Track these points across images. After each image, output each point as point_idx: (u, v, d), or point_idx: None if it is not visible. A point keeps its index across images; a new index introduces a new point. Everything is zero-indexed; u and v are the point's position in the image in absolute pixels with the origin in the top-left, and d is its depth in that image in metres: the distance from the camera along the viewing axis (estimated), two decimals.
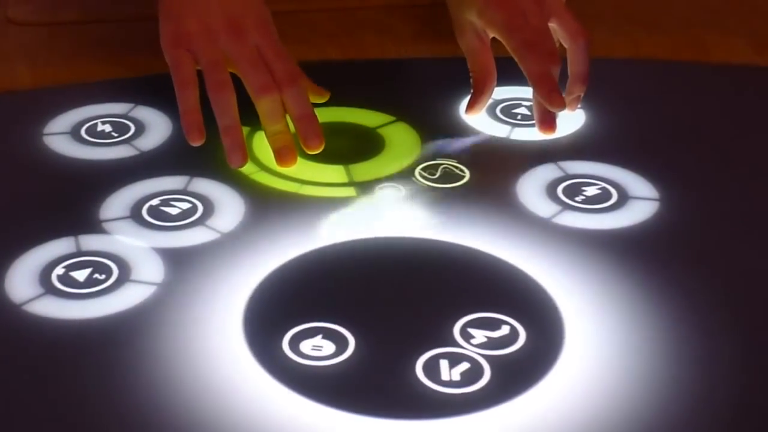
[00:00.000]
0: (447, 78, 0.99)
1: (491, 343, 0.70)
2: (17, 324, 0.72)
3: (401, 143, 0.90)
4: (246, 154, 0.85)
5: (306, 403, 0.66)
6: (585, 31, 0.92)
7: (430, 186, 0.85)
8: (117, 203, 0.82)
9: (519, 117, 0.94)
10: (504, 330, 0.71)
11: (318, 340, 0.70)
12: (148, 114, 0.93)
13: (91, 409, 0.66)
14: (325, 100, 0.92)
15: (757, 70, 1.04)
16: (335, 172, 0.87)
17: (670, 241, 0.81)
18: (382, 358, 0.69)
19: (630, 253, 0.79)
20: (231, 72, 0.87)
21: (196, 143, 0.84)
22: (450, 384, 0.67)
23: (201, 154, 0.86)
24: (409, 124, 0.93)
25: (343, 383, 0.68)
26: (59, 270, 0.75)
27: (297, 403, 0.66)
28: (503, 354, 0.70)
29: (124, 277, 0.75)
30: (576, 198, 0.84)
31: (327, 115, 0.91)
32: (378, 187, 0.85)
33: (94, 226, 0.80)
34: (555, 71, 0.89)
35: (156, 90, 0.93)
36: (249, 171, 0.86)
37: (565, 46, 0.93)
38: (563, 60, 0.91)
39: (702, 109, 0.97)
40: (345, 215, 0.82)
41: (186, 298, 0.74)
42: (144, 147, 0.90)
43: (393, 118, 0.94)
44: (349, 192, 0.85)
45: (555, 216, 0.82)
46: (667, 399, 0.67)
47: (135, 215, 0.81)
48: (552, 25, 0.92)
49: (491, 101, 0.94)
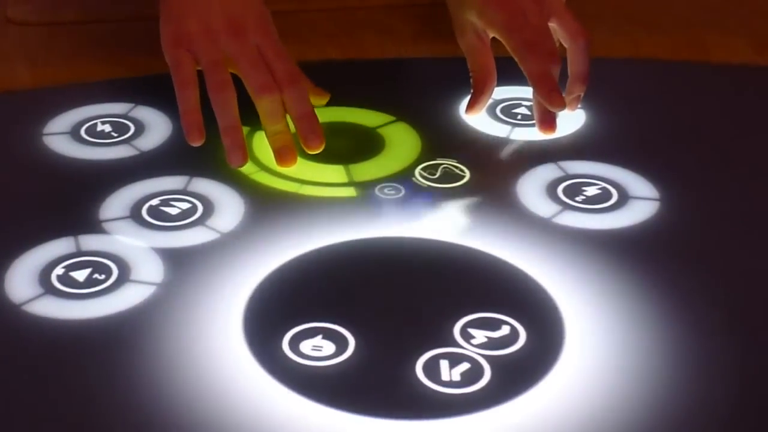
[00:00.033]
0: (447, 78, 0.99)
1: (491, 343, 0.70)
2: (17, 324, 0.72)
3: (401, 143, 0.90)
4: (246, 153, 0.85)
5: (306, 404, 0.66)
6: (585, 31, 0.92)
7: (430, 186, 0.85)
8: (117, 203, 0.82)
9: (519, 117, 0.94)
10: (504, 330, 0.71)
11: (318, 340, 0.70)
12: (147, 114, 0.93)
13: (92, 410, 0.66)
14: (325, 101, 0.92)
15: (758, 69, 1.04)
16: (335, 172, 0.87)
17: (670, 241, 0.81)
18: (382, 358, 0.69)
19: (630, 253, 0.79)
20: (231, 72, 0.87)
21: (196, 143, 0.84)
22: (450, 384, 0.67)
23: (201, 154, 0.85)
24: (409, 124, 0.93)
25: (343, 383, 0.67)
26: (59, 270, 0.75)
27: (297, 404, 0.66)
28: (503, 354, 0.69)
29: (123, 277, 0.75)
30: (576, 198, 0.84)
31: (327, 115, 0.91)
32: (378, 187, 0.85)
33: (93, 226, 0.80)
34: (555, 71, 0.89)
35: (156, 90, 0.93)
36: (249, 171, 0.86)
37: (565, 46, 0.93)
38: (563, 60, 0.91)
39: (702, 109, 0.97)
40: (345, 215, 0.82)
41: (186, 298, 0.74)
42: (144, 147, 0.90)
43: (393, 118, 0.93)
44: (349, 192, 0.85)
45: (555, 216, 0.82)
46: (667, 399, 0.67)
47: (135, 215, 0.81)
48: (552, 25, 0.92)
49: (491, 101, 0.94)
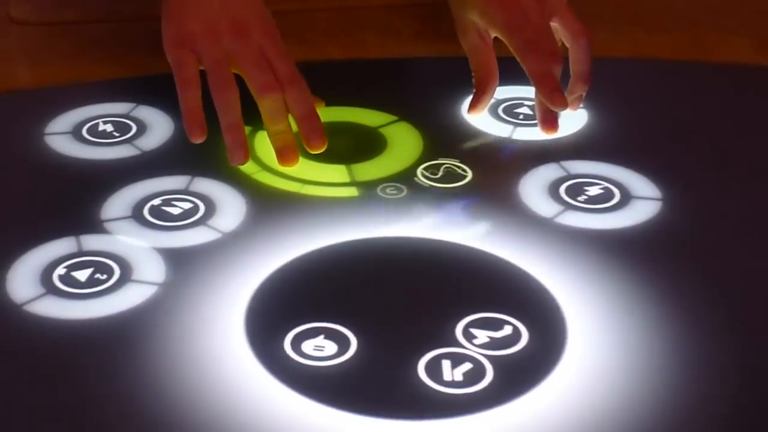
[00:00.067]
0: (449, 77, 0.99)
1: (493, 344, 0.70)
2: (18, 324, 0.71)
3: (403, 143, 0.90)
4: (248, 152, 0.85)
5: (308, 404, 0.66)
6: (587, 31, 0.92)
7: (432, 186, 0.85)
8: (118, 203, 0.82)
9: (521, 117, 0.94)
10: (506, 330, 0.71)
11: (320, 340, 0.70)
12: (149, 114, 0.93)
13: (94, 410, 0.66)
14: (321, 107, 0.92)
15: (759, 69, 1.04)
16: (337, 171, 0.87)
17: (672, 241, 0.80)
18: (384, 358, 0.69)
19: (632, 253, 0.78)
20: (234, 72, 0.87)
21: (197, 140, 0.84)
22: (452, 384, 0.67)
23: (202, 154, 0.85)
24: (411, 123, 0.93)
25: (345, 383, 0.67)
26: (60, 270, 0.75)
27: (299, 404, 0.66)
28: (505, 354, 0.69)
29: (125, 277, 0.75)
30: (578, 198, 0.84)
31: (329, 115, 0.91)
32: (380, 187, 0.85)
33: (95, 225, 0.80)
34: (557, 71, 0.89)
35: (157, 90, 0.92)
36: (250, 171, 0.86)
37: (567, 45, 0.93)
38: (565, 59, 0.91)
39: (704, 109, 0.97)
40: (347, 215, 0.82)
41: (187, 298, 0.74)
42: (145, 147, 0.89)
43: (395, 117, 0.93)
44: (351, 192, 0.85)
45: (557, 216, 0.82)
46: (668, 399, 0.67)
47: (136, 215, 0.81)
48: (554, 25, 0.92)
49: (493, 101, 0.94)
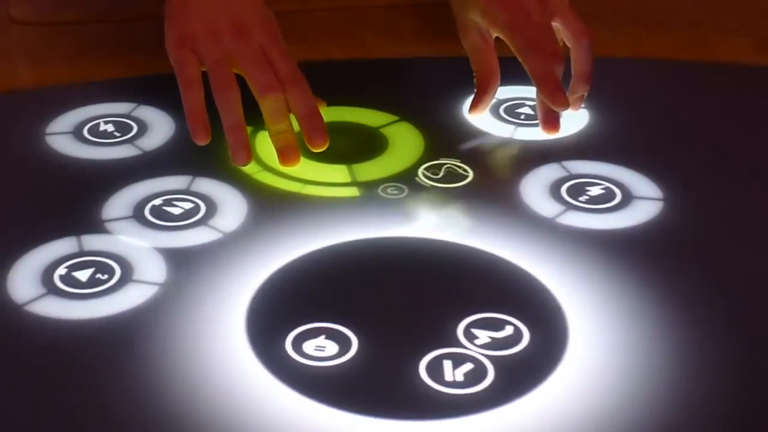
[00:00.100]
0: (450, 77, 0.98)
1: (495, 344, 0.70)
2: (19, 324, 0.71)
3: (404, 143, 0.90)
4: (250, 152, 0.84)
5: (309, 404, 0.66)
6: (588, 31, 0.92)
7: (433, 186, 0.85)
8: (119, 203, 0.82)
9: (522, 116, 0.94)
10: (508, 330, 0.71)
11: (321, 340, 0.70)
12: (150, 114, 0.93)
13: (94, 410, 0.66)
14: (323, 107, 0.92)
15: (760, 69, 1.04)
16: (338, 171, 0.87)
17: (673, 241, 0.80)
18: (385, 358, 0.69)
19: (633, 253, 0.78)
20: (235, 72, 0.87)
21: (202, 142, 0.84)
22: (453, 384, 0.67)
23: (204, 154, 0.85)
24: (412, 123, 0.92)
25: (346, 384, 0.67)
26: (61, 270, 0.75)
27: (300, 404, 0.66)
28: (507, 354, 0.69)
29: (126, 277, 0.75)
30: (580, 198, 0.84)
31: (330, 115, 0.91)
32: (381, 187, 0.85)
33: (96, 225, 0.80)
34: (558, 71, 0.89)
35: (159, 90, 0.92)
36: (252, 171, 0.86)
37: (569, 45, 0.93)
38: (566, 59, 0.91)
39: (705, 109, 0.97)
40: (348, 215, 0.82)
41: (188, 298, 0.74)
42: (146, 147, 0.89)
43: (396, 117, 0.93)
44: (352, 192, 0.84)
45: (559, 216, 0.82)
46: (669, 399, 0.67)
47: (137, 215, 0.81)
48: (555, 25, 0.92)
49: (494, 101, 0.94)
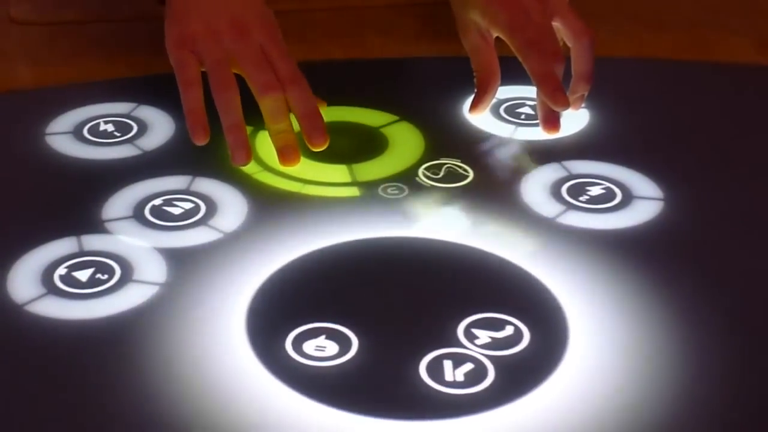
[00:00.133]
0: (450, 77, 0.98)
1: (495, 344, 0.70)
2: (19, 324, 0.71)
3: (405, 143, 0.90)
4: (250, 152, 0.84)
5: (309, 404, 0.66)
6: (589, 30, 0.92)
7: (433, 186, 0.85)
8: (119, 203, 0.82)
9: (523, 116, 0.94)
10: (508, 330, 0.71)
11: (321, 340, 0.70)
12: (150, 113, 0.93)
13: (94, 410, 0.66)
14: (323, 108, 0.92)
15: (761, 69, 1.04)
16: (338, 171, 0.87)
17: (674, 241, 0.80)
18: (385, 358, 0.69)
19: (634, 253, 0.78)
20: (235, 72, 0.87)
21: (201, 142, 0.84)
22: (454, 384, 0.67)
23: (204, 154, 0.85)
24: (413, 123, 0.92)
25: (347, 384, 0.67)
26: (61, 270, 0.75)
27: (300, 404, 0.66)
28: (507, 354, 0.69)
29: (126, 278, 0.75)
30: (580, 198, 0.84)
31: (330, 115, 0.91)
32: (381, 187, 0.85)
33: (96, 225, 0.80)
34: (559, 70, 0.89)
35: (159, 89, 0.92)
36: (252, 171, 0.86)
37: (569, 45, 0.92)
38: (567, 59, 0.91)
39: (706, 109, 0.97)
40: (348, 215, 0.82)
41: (189, 298, 0.74)
42: (146, 147, 0.89)
43: (396, 117, 0.93)
44: (353, 192, 0.84)
45: (559, 216, 0.82)
46: (671, 399, 0.67)
47: (137, 215, 0.81)
48: (555, 24, 0.92)
49: (495, 101, 0.94)
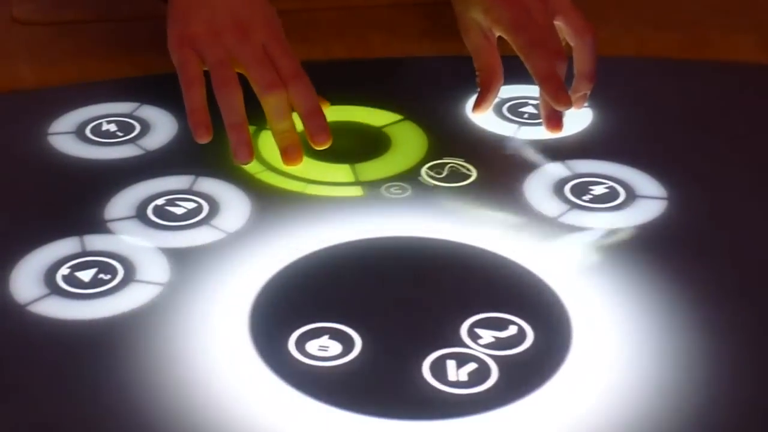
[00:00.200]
0: (453, 77, 0.98)
1: (498, 343, 0.70)
2: (22, 324, 0.71)
3: (407, 142, 0.90)
4: (252, 150, 0.84)
5: (312, 404, 0.66)
6: (591, 29, 0.92)
7: (436, 185, 0.85)
8: (122, 203, 0.82)
9: (526, 116, 0.94)
10: (511, 330, 0.71)
11: (324, 340, 0.70)
12: (153, 113, 0.93)
13: (97, 410, 0.66)
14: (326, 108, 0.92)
15: (764, 68, 1.04)
16: (341, 171, 0.86)
17: (678, 240, 0.80)
18: (388, 358, 0.69)
19: (638, 253, 0.78)
20: (238, 72, 0.87)
21: (203, 140, 0.84)
22: (457, 384, 0.67)
23: (206, 153, 0.85)
24: (416, 123, 0.92)
25: (350, 384, 0.67)
26: (64, 270, 0.75)
27: (303, 404, 0.66)
28: (510, 354, 0.69)
29: (129, 277, 0.75)
30: (583, 197, 0.84)
31: (333, 115, 0.91)
32: (384, 187, 0.85)
33: (99, 225, 0.80)
34: (561, 69, 0.89)
35: (161, 89, 0.92)
36: (254, 170, 0.86)
37: (571, 44, 0.92)
38: (569, 58, 0.91)
39: (709, 107, 0.97)
40: (351, 215, 0.82)
41: (191, 298, 0.74)
42: (149, 146, 0.89)
43: (399, 117, 0.93)
44: (356, 191, 0.84)
45: (562, 215, 0.82)
46: (674, 398, 0.67)
47: (140, 215, 0.81)
48: (558, 23, 0.92)
49: (498, 100, 0.94)
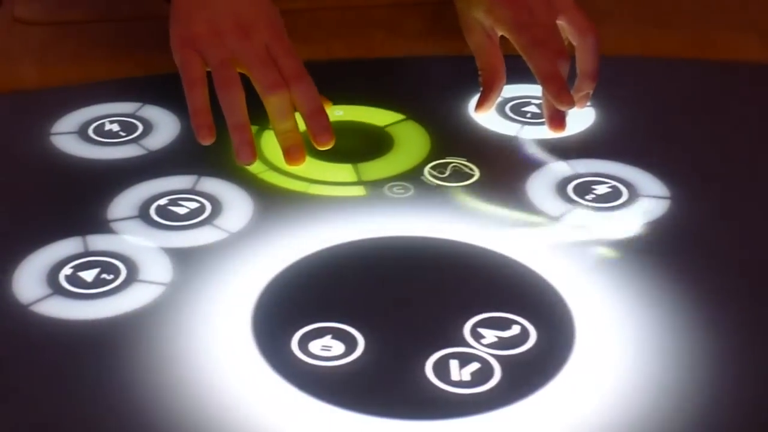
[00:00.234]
0: (456, 76, 0.98)
1: (501, 343, 0.70)
2: (25, 324, 0.71)
3: (410, 142, 0.90)
4: (255, 150, 0.84)
5: (315, 404, 0.66)
6: (594, 28, 0.92)
7: (439, 185, 0.85)
8: (125, 203, 0.82)
9: (528, 115, 0.94)
10: (514, 330, 0.71)
11: (327, 340, 0.70)
12: (155, 113, 0.93)
13: (99, 410, 0.66)
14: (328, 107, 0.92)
15: (767, 67, 1.03)
16: (344, 171, 0.86)
17: (680, 240, 0.80)
18: (391, 358, 0.69)
19: (641, 252, 0.78)
20: (240, 72, 0.87)
21: (206, 142, 0.84)
22: (460, 384, 0.67)
23: (209, 153, 0.85)
24: (418, 122, 0.92)
25: (353, 384, 0.67)
26: (67, 270, 0.75)
27: (306, 404, 0.66)
28: (514, 354, 0.69)
29: (131, 277, 0.75)
30: (586, 197, 0.84)
31: (335, 114, 0.91)
32: (387, 186, 0.84)
33: (101, 225, 0.80)
34: (564, 69, 0.89)
35: (164, 89, 0.92)
36: (257, 170, 0.86)
37: (574, 43, 0.92)
38: (572, 57, 0.91)
39: (712, 107, 0.97)
40: (354, 214, 0.81)
41: (194, 298, 0.74)
42: (152, 146, 0.89)
43: (402, 116, 0.93)
44: (358, 191, 0.84)
45: (565, 215, 0.82)
46: (678, 398, 0.67)
47: (143, 215, 0.81)
48: (560, 23, 0.92)
49: (500, 99, 0.94)
